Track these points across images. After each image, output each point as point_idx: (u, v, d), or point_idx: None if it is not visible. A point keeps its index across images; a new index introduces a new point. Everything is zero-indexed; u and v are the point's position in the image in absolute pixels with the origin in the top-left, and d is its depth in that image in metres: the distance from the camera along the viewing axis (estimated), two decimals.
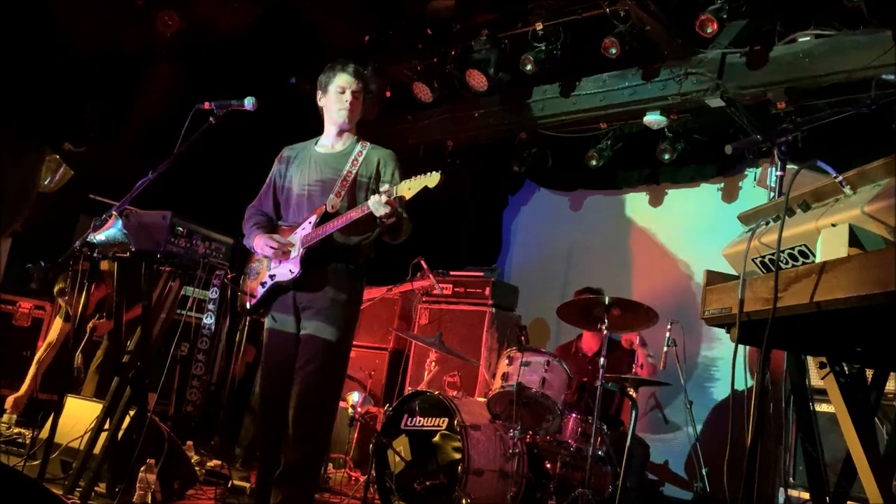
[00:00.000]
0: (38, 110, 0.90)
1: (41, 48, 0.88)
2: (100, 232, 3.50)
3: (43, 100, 0.90)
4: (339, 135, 3.59)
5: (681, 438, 4.47)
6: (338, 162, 3.52)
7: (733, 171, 6.45)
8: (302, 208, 3.50)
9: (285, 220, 3.59)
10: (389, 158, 3.56)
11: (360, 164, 3.50)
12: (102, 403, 3.75)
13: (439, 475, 4.29)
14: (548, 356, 4.48)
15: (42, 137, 0.94)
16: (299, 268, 3.35)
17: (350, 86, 3.49)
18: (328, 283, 3.38)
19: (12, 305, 5.95)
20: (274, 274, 3.46)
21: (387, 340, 6.48)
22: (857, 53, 4.77)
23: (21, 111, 0.88)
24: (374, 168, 3.51)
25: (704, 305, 2.14)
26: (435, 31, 6.42)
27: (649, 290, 6.71)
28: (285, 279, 3.40)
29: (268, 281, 3.48)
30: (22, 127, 0.89)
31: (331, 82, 3.52)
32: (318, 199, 3.46)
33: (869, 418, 2.14)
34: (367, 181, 3.49)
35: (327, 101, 3.56)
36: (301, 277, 3.36)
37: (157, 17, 5.96)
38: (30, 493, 0.96)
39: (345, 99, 3.50)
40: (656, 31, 5.39)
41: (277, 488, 3.31)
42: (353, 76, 3.49)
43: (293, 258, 3.39)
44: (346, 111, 3.51)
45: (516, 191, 8.02)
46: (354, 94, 3.51)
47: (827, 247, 1.72)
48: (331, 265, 3.40)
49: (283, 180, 3.63)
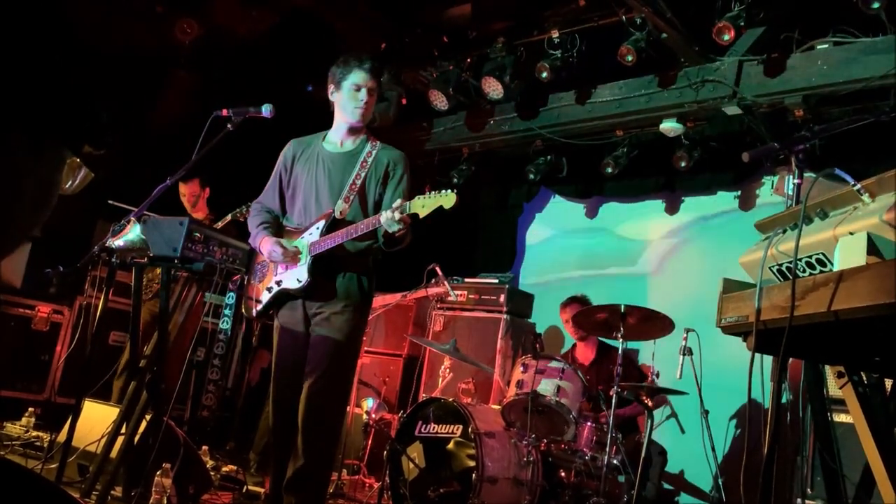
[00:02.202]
0: (56, 113, 0.91)
1: (56, 50, 0.89)
2: (118, 237, 3.54)
3: (60, 102, 0.91)
4: (350, 133, 3.50)
5: (697, 448, 4.43)
6: (347, 162, 3.45)
7: (750, 179, 6.41)
8: (309, 210, 3.45)
9: (290, 221, 3.55)
10: (399, 161, 3.48)
11: (370, 167, 3.42)
12: (119, 408, 3.77)
13: (453, 482, 4.28)
14: (563, 364, 4.47)
15: (60, 140, 0.95)
16: (307, 276, 3.32)
17: (366, 83, 3.37)
18: (337, 290, 3.34)
19: (31, 310, 6.01)
20: (280, 280, 3.43)
21: (401, 347, 6.48)
22: (876, 61, 4.74)
23: (38, 114, 0.89)
24: (383, 170, 3.44)
25: (721, 314, 2.13)
26: (451, 39, 6.43)
27: (665, 299, 6.67)
28: (292, 287, 3.37)
29: (274, 287, 3.46)
30: (40, 130, 0.90)
31: (345, 78, 3.39)
32: (325, 201, 3.40)
33: (888, 429, 2.12)
34: (376, 185, 3.43)
35: (340, 97, 3.44)
36: (309, 286, 3.33)
37: (176, 24, 6.02)
38: (49, 496, 0.97)
39: (360, 97, 3.39)
40: (673, 38, 5.37)
41: (288, 495, 3.31)
42: (369, 73, 3.37)
43: (301, 266, 3.35)
44: (361, 110, 3.41)
45: (531, 198, 8.00)
46: (370, 93, 3.40)
47: (845, 255, 1.71)
48: (339, 272, 3.36)
49: (288, 175, 3.57)
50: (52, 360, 6.03)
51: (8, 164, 0.87)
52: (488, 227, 8.05)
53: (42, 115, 0.90)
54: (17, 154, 0.88)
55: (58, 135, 0.94)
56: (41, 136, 0.91)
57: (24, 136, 0.88)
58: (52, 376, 6.01)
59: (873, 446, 1.95)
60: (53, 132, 0.93)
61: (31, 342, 5.97)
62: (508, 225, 8.11)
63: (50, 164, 0.94)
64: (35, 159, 0.91)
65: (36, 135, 0.90)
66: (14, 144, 0.87)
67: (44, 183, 0.94)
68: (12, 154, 0.87)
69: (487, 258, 7.76)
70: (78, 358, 5.53)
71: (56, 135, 0.93)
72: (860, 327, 1.70)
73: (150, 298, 5.38)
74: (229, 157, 4.82)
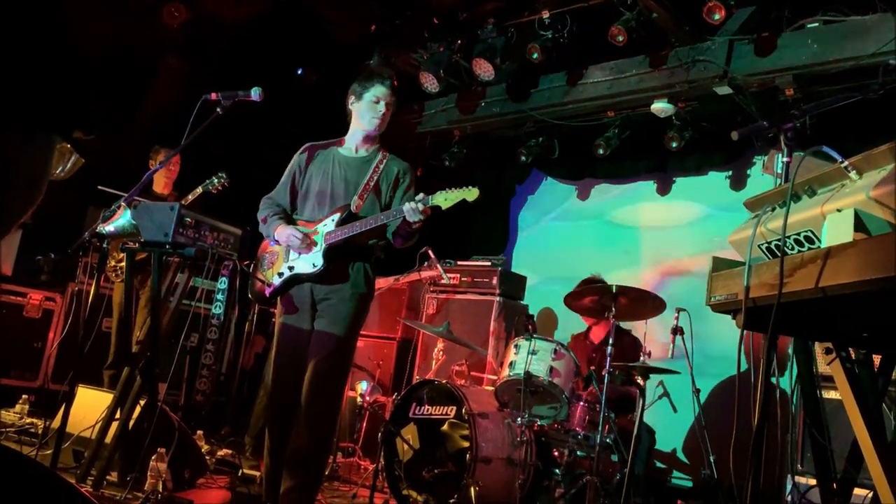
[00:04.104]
0: (45, 99, 0.90)
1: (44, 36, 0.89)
2: (109, 223, 3.53)
3: (49, 88, 0.90)
4: (365, 141, 3.71)
5: (688, 426, 4.48)
6: (361, 166, 3.67)
7: (741, 159, 6.42)
8: (323, 205, 3.60)
9: (301, 215, 3.68)
10: (409, 170, 3.73)
11: (382, 172, 3.66)
12: (113, 393, 3.78)
13: (447, 463, 4.31)
14: (555, 344, 4.48)
15: (50, 126, 0.94)
16: (322, 262, 3.47)
17: (385, 98, 3.63)
18: (347, 278, 3.52)
19: (23, 297, 5.99)
20: (293, 266, 3.55)
21: (395, 330, 6.50)
22: (866, 39, 4.73)
23: (28, 100, 0.89)
24: (393, 177, 3.66)
25: (710, 292, 2.14)
26: (441, 21, 6.40)
27: (657, 279, 6.71)
28: (306, 272, 3.51)
29: (285, 272, 3.57)
30: (30, 116, 0.90)
31: (367, 91, 3.63)
32: (340, 198, 3.58)
33: (876, 404, 2.15)
34: (387, 189, 3.65)
35: (359, 108, 3.67)
36: (322, 272, 3.47)
37: (164, 8, 5.96)
38: (44, 481, 0.97)
39: (378, 109, 3.62)
40: (663, 18, 5.36)
41: (288, 473, 3.39)
42: (389, 89, 3.63)
43: (316, 252, 3.50)
44: (379, 121, 3.64)
45: (523, 180, 8.00)
46: (388, 106, 3.64)
47: (832, 232, 1.72)
48: (349, 262, 3.54)
49: (302, 176, 3.73)
50: (45, 347, 6.02)
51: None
52: (480, 209, 8.03)
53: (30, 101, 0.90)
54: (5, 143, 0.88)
55: (47, 121, 0.93)
56: (30, 123, 0.91)
57: (13, 125, 0.88)
58: (46, 363, 6.01)
59: (861, 422, 1.97)
60: (42, 118, 0.93)
61: (23, 329, 5.96)
62: (500, 207, 8.11)
63: (40, 150, 0.94)
64: (24, 146, 0.90)
65: (24, 121, 0.90)
66: (3, 133, 0.87)
67: (34, 169, 0.94)
68: (1, 143, 0.87)
69: (480, 241, 7.77)
70: (71, 344, 5.54)
71: (45, 121, 0.93)
72: (848, 303, 1.71)
73: (122, 280, 5.37)
74: (219, 141, 4.80)
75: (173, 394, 5.99)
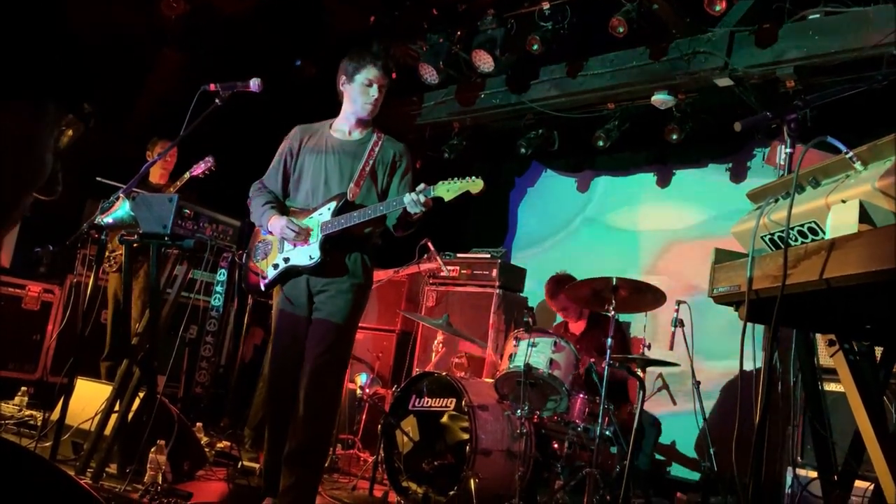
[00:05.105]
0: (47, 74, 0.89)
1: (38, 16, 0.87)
2: (107, 214, 3.52)
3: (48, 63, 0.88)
4: (358, 124, 3.60)
5: (688, 419, 4.47)
6: (356, 150, 3.54)
7: (741, 151, 6.41)
8: (318, 192, 3.50)
9: (294, 202, 3.59)
10: (405, 153, 3.62)
11: (377, 156, 3.54)
12: (112, 385, 3.77)
13: (447, 455, 4.31)
14: (555, 337, 4.48)
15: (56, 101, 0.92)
16: (319, 253, 3.38)
17: (378, 80, 3.51)
18: (344, 269, 3.43)
19: (21, 289, 5.98)
20: (288, 257, 3.47)
21: (394, 322, 6.50)
22: (868, 30, 4.71)
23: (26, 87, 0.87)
24: (390, 160, 3.56)
25: (713, 284, 2.13)
26: (441, 12, 6.36)
27: (657, 271, 6.70)
28: (303, 264, 3.42)
29: (281, 263, 3.50)
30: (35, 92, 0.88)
31: (359, 73, 3.50)
32: (334, 185, 3.48)
33: (878, 396, 2.13)
34: (384, 174, 3.54)
35: (351, 90, 3.54)
36: (320, 264, 3.39)
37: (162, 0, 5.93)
38: (44, 473, 0.96)
39: (371, 93, 3.50)
40: (664, 9, 5.33)
41: (288, 469, 3.33)
42: (382, 71, 3.51)
43: (312, 244, 3.41)
44: (371, 106, 3.53)
45: (523, 172, 7.99)
46: (380, 89, 3.53)
47: (837, 223, 1.70)
48: (347, 252, 3.45)
49: (294, 160, 3.62)
50: (44, 339, 6.01)
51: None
52: (480, 201, 8.00)
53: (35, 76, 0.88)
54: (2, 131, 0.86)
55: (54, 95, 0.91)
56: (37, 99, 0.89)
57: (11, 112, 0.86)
58: (45, 355, 6.00)
59: (864, 414, 1.95)
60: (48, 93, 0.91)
61: (22, 322, 5.95)
62: (500, 199, 8.10)
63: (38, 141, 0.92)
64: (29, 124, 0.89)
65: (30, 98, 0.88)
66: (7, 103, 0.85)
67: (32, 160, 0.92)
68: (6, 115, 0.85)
69: (479, 233, 7.76)
70: (70, 336, 5.53)
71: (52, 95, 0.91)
72: (851, 295, 1.69)
73: (115, 271, 5.35)
74: (217, 132, 4.77)
75: (172, 386, 5.98)
